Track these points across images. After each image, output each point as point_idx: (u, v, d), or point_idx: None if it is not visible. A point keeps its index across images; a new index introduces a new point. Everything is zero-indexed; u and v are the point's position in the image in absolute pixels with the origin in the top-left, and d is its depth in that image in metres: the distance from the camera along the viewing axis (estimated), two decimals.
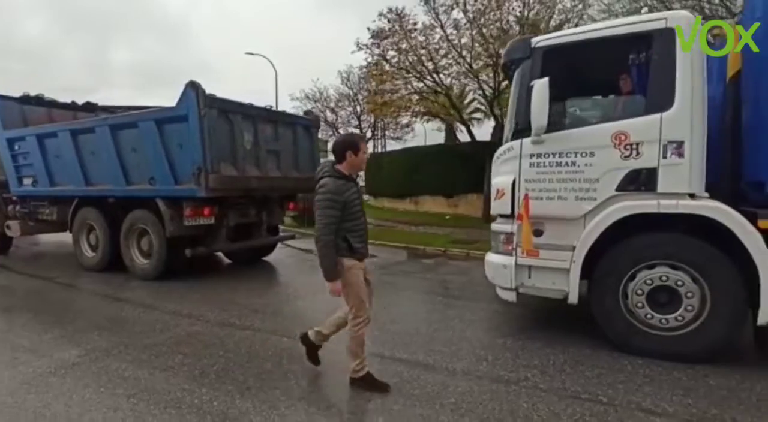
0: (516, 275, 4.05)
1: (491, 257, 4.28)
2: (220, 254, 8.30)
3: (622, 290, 3.66)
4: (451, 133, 21.72)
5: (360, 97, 20.10)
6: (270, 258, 8.30)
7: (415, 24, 13.77)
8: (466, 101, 21.63)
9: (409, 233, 11.65)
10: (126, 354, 3.82)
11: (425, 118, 18.35)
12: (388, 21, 13.84)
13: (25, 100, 8.10)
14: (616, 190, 3.63)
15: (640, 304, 3.59)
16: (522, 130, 3.95)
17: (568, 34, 3.95)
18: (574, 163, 3.77)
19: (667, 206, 3.44)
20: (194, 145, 5.65)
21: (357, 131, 24.10)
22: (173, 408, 2.90)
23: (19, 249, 9.50)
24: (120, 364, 3.60)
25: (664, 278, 3.50)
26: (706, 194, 3.55)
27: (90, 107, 8.67)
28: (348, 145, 2.99)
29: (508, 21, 12.82)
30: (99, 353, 3.83)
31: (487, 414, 2.80)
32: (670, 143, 3.45)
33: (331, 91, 22.98)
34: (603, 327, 3.78)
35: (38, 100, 8.22)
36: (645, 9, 11.61)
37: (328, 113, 23.55)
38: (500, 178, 4.16)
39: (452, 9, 12.99)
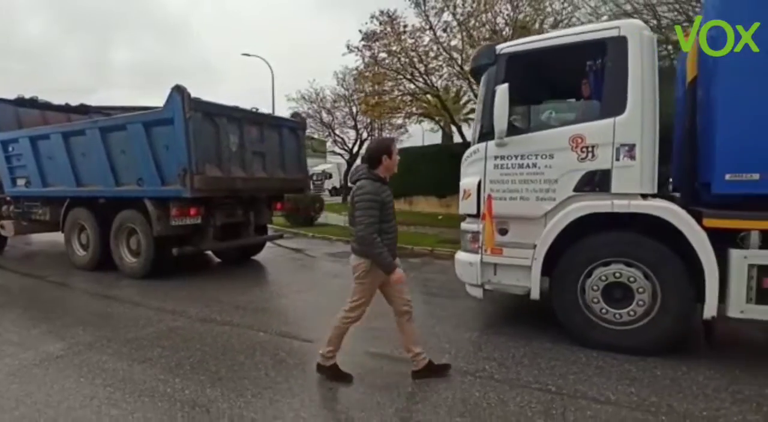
0: (482, 272, 4.23)
1: (460, 255, 4.46)
2: (210, 253, 8.51)
3: (580, 286, 3.84)
4: (446, 133, 21.91)
5: (355, 97, 20.22)
6: (259, 257, 8.50)
7: (405, 26, 13.96)
8: (462, 102, 21.82)
9: (400, 233, 11.80)
10: (107, 347, 4.00)
11: (419, 119, 18.55)
12: (380, 23, 14.04)
13: (20, 102, 8.29)
14: (574, 190, 3.81)
15: (595, 300, 3.77)
16: (487, 133, 4.12)
17: (530, 41, 4.13)
18: (535, 165, 3.94)
19: (620, 206, 3.62)
20: (180, 147, 5.84)
21: (353, 132, 24.29)
22: (147, 397, 3.08)
23: (14, 249, 9.70)
24: (101, 357, 3.79)
25: (617, 275, 3.67)
26: (673, 194, 3.74)
27: (83, 109, 8.88)
28: (383, 149, 3.15)
29: (496, 23, 13.00)
30: (82, 346, 4.02)
31: (440, 402, 2.98)
32: (623, 146, 3.63)
33: (327, 91, 23.14)
34: (562, 322, 3.96)
35: (32, 103, 8.42)
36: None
37: (324, 114, 23.72)
38: (467, 179, 4.34)
39: (443, 12, 13.18)
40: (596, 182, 3.73)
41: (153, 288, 6.18)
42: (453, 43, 13.29)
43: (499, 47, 4.17)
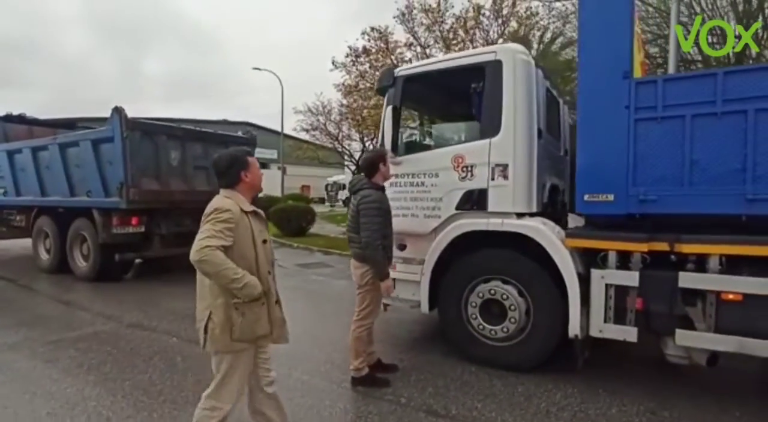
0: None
1: None
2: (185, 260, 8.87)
3: (463, 302, 3.93)
4: None
5: (344, 111, 20.47)
6: None
7: (396, 42, 14.27)
8: None
9: None
10: (27, 348, 4.34)
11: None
12: (371, 39, 14.40)
13: (8, 118, 9.11)
14: (456, 208, 3.93)
15: (474, 316, 3.85)
16: None
17: (423, 64, 4.31)
18: (423, 184, 4.09)
19: (495, 224, 3.72)
20: (119, 162, 6.43)
21: (358, 143, 24.65)
22: (29, 394, 3.37)
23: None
24: (15, 356, 4.12)
25: (492, 291, 3.76)
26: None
27: (70, 124, 9.53)
28: (378, 158, 3.44)
29: (489, 38, 13.08)
30: (5, 346, 4.37)
31: (291, 408, 3.13)
32: (497, 166, 3.74)
33: (334, 103, 23.66)
34: (446, 336, 4.06)
35: (20, 119, 9.24)
36: None
37: (331, 126, 24.20)
38: None
39: (430, 31, 13.42)
40: (475, 201, 3.85)
41: (107, 293, 6.56)
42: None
43: (397, 70, 4.36)
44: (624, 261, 3.32)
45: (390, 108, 4.00)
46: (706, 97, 3.03)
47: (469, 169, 3.85)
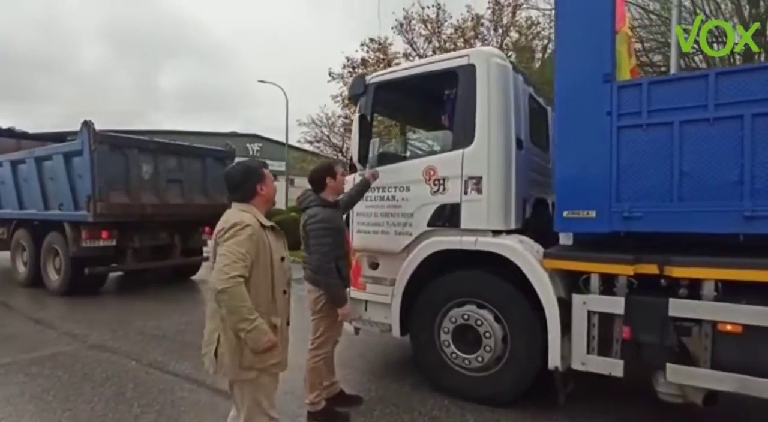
0: (351, 308, 4.04)
1: None
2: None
3: (437, 327, 3.59)
4: None
5: (340, 123, 20.32)
6: None
7: (395, 53, 14.12)
8: None
9: None
10: None
11: None
12: (369, 50, 14.26)
13: None
14: (428, 225, 3.61)
15: (446, 343, 3.51)
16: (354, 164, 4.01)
17: (394, 71, 4.03)
18: (393, 198, 3.79)
19: (467, 243, 3.39)
20: (87, 175, 6.39)
21: None
22: None
23: None
24: None
25: (465, 316, 3.41)
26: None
27: (59, 137, 9.45)
28: (324, 171, 3.14)
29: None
30: None
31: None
32: (470, 179, 3.42)
33: (338, 114, 23.58)
34: (419, 364, 3.72)
35: (9, 132, 9.34)
36: None
37: (335, 138, 24.07)
38: None
39: (429, 42, 13.25)
40: (447, 216, 3.52)
41: (81, 310, 6.35)
42: None
43: (369, 77, 4.09)
44: (608, 285, 2.97)
45: (358, 117, 3.72)
46: (696, 101, 2.69)
47: (441, 182, 3.54)
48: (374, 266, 4.08)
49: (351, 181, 4.05)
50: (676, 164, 2.72)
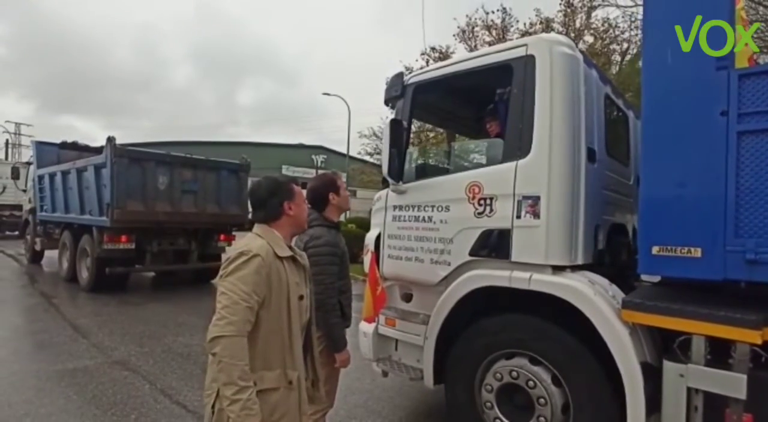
0: (378, 346, 3.46)
1: (362, 324, 3.69)
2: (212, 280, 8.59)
3: (477, 383, 2.87)
4: None
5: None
6: None
7: None
8: None
9: None
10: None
11: None
12: (429, 60, 13.72)
13: (63, 145, 10.30)
14: (470, 254, 2.92)
15: (489, 404, 2.77)
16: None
17: (438, 68, 3.38)
18: (430, 219, 3.14)
19: (519, 280, 2.66)
20: (108, 185, 7.10)
21: None
22: None
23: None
24: None
25: (514, 374, 2.66)
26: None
27: None
28: (329, 185, 2.56)
29: None
30: None
31: None
32: (525, 198, 2.69)
33: None
34: None
35: (73, 145, 10.35)
36: None
37: None
38: (371, 231, 3.65)
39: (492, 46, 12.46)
40: (494, 245, 2.81)
41: (118, 319, 6.30)
42: None
43: (407, 76, 3.51)
44: (720, 353, 2.11)
45: (390, 122, 3.14)
46: None
47: (488, 201, 2.84)
48: (407, 298, 3.46)
49: (383, 196, 3.50)
50: None
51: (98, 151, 10.10)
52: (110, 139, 7.14)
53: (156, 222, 7.61)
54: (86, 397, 3.75)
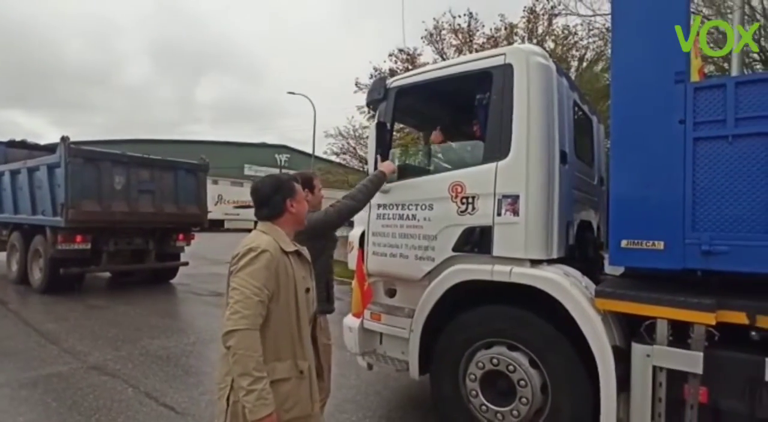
0: (364, 340, 3.58)
1: (347, 319, 3.80)
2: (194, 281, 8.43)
3: (462, 373, 3.05)
4: None
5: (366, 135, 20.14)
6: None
7: (425, 64, 13.70)
8: None
9: None
10: None
11: None
12: (397, 61, 13.90)
13: (11, 144, 9.93)
14: (453, 249, 3.09)
15: (474, 392, 2.95)
16: None
17: (419, 73, 3.55)
18: (414, 216, 3.29)
19: (500, 273, 2.85)
20: (62, 185, 7.05)
21: None
22: None
23: None
24: None
25: (494, 361, 2.86)
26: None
27: None
28: (305, 184, 2.42)
29: None
30: None
31: None
32: (505, 197, 2.89)
33: (365, 125, 23.35)
34: (441, 417, 3.17)
35: (22, 144, 10.02)
36: None
37: (361, 150, 23.84)
38: (355, 228, 3.77)
39: (459, 52, 12.77)
40: (476, 241, 3.00)
41: (86, 324, 6.08)
42: None
43: (389, 81, 3.65)
44: (680, 334, 2.37)
45: (376, 124, 3.27)
46: None
47: (470, 200, 3.03)
48: (391, 293, 3.60)
49: None
50: None
51: (50, 149, 9.83)
52: (64, 139, 7.08)
53: (112, 222, 7.60)
54: (66, 404, 3.67)
